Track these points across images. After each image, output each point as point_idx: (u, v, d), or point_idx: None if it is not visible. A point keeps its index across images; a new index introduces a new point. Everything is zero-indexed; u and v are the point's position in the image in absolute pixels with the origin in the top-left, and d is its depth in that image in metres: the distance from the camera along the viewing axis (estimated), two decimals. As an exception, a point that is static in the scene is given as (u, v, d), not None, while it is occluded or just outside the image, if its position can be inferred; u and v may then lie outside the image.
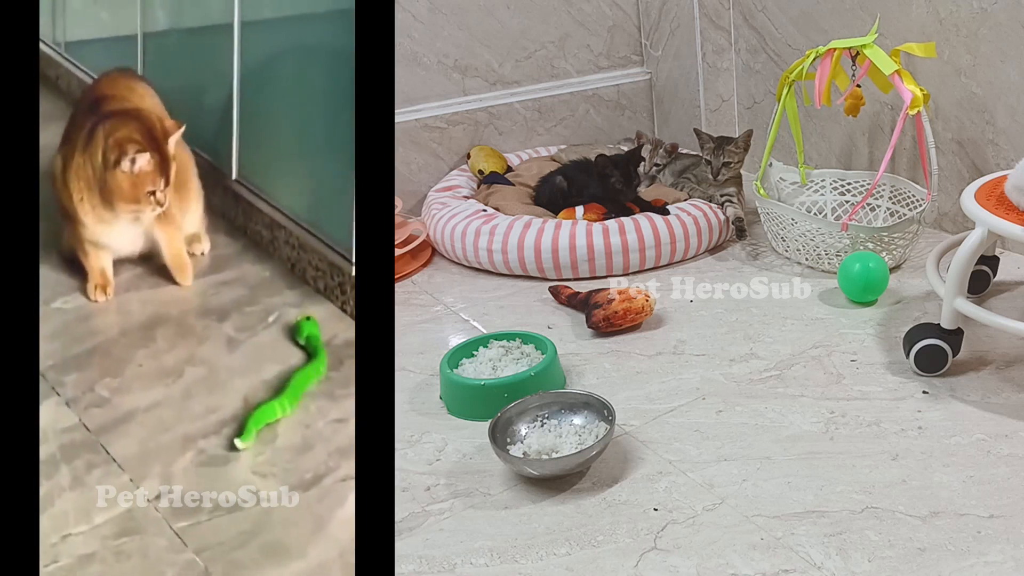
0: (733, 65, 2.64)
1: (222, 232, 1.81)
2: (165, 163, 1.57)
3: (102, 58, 2.04)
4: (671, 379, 1.66)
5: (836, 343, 1.72)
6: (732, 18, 2.59)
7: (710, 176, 2.24)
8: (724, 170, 2.23)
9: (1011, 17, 1.87)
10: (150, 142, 1.56)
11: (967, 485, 1.31)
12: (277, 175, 1.74)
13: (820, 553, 1.20)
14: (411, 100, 2.54)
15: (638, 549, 1.24)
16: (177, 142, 1.61)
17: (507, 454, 1.41)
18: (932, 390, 1.55)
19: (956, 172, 2.07)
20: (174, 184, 1.61)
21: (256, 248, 1.78)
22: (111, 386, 1.43)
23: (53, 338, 1.50)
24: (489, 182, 2.44)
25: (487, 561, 1.24)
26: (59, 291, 1.61)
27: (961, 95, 2.01)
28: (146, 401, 1.40)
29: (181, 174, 1.65)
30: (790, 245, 2.06)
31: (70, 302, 1.60)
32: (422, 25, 2.52)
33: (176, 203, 1.64)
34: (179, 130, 1.59)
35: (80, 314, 1.57)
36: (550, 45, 2.69)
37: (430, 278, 2.20)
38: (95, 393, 1.41)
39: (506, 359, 1.68)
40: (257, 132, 1.76)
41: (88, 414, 1.37)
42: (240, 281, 1.69)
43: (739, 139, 2.25)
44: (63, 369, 1.45)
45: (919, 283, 1.93)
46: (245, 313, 1.61)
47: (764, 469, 1.38)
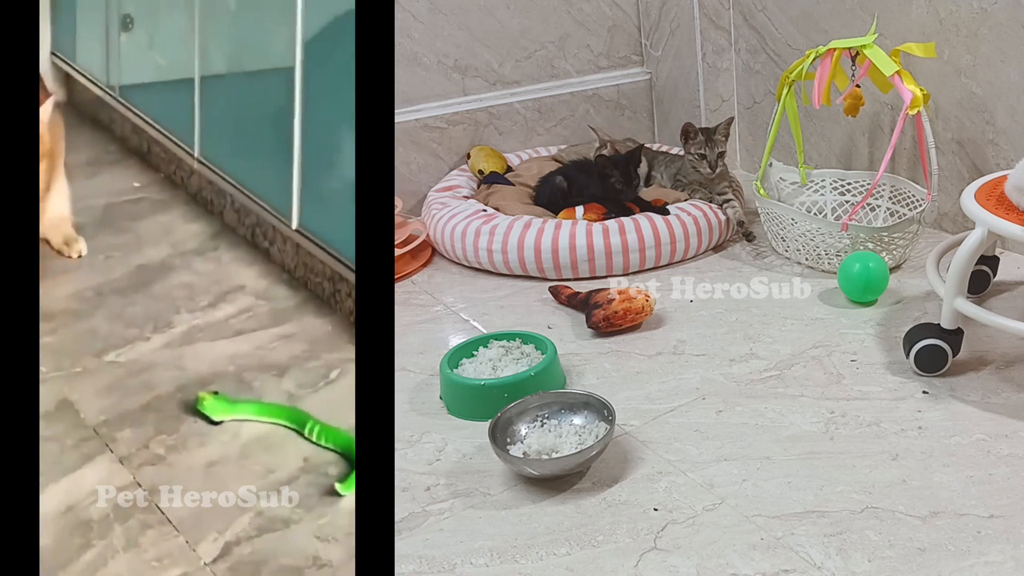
0: (733, 65, 2.64)
1: (282, 284, 1.73)
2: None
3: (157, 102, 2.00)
4: (671, 379, 1.66)
5: (836, 343, 1.72)
6: (732, 18, 2.59)
7: (707, 169, 2.23)
8: (720, 160, 2.23)
9: (1011, 17, 1.87)
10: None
11: (967, 485, 1.31)
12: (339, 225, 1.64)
13: (820, 553, 1.20)
14: (411, 100, 2.54)
15: (638, 549, 1.24)
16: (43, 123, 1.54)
17: (507, 454, 1.41)
18: (932, 390, 1.54)
19: (956, 172, 2.07)
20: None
21: (317, 301, 1.70)
22: (166, 443, 1.36)
23: (107, 392, 1.44)
24: (489, 182, 2.44)
25: (487, 561, 1.24)
26: (112, 343, 1.54)
27: (961, 95, 2.01)
28: (202, 459, 1.34)
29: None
30: (790, 245, 2.06)
31: (124, 355, 1.53)
32: (422, 25, 2.52)
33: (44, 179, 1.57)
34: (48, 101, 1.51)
35: (134, 368, 1.50)
36: (550, 45, 2.69)
37: (430, 278, 2.20)
38: (149, 450, 1.34)
39: (506, 359, 1.68)
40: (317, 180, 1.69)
41: (142, 472, 1.30)
42: (300, 335, 1.61)
43: (720, 127, 2.26)
44: (116, 425, 1.38)
45: (919, 283, 1.93)
46: (306, 369, 1.53)
47: (764, 469, 1.38)
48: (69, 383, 1.46)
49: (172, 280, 1.72)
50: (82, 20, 2.16)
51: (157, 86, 2.04)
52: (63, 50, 2.22)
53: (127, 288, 1.69)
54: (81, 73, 2.19)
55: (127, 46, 2.07)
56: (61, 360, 1.50)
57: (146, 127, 2.04)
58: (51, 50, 2.22)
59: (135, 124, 2.07)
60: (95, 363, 1.51)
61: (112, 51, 2.09)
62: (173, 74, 1.95)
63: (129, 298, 1.67)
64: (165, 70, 2.00)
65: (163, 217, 1.90)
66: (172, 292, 1.69)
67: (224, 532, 1.23)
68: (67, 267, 1.74)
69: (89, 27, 2.13)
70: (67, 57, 2.21)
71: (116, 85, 2.10)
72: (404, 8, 2.48)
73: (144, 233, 1.86)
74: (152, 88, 2.06)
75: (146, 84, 2.07)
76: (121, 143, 2.12)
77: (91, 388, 1.45)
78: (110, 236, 1.82)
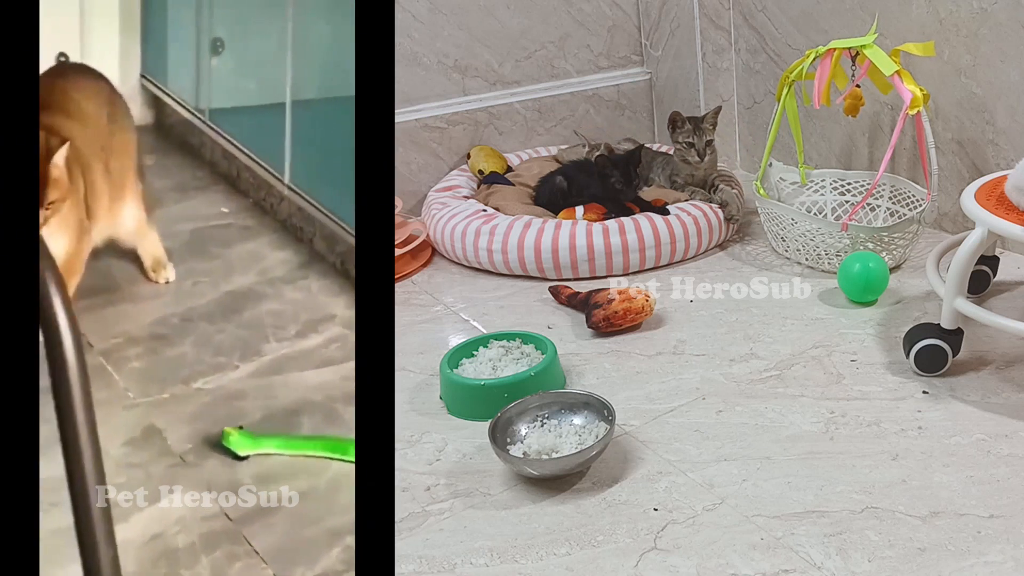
0: (733, 65, 2.64)
1: None
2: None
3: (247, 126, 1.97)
4: (671, 379, 1.66)
5: (836, 343, 1.72)
6: (732, 18, 2.59)
7: (695, 158, 2.24)
8: (709, 149, 2.24)
9: (1011, 17, 1.87)
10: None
11: (967, 485, 1.31)
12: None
13: (820, 553, 1.20)
14: (411, 100, 2.54)
15: (638, 549, 1.24)
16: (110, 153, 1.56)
17: (507, 454, 1.41)
18: (932, 390, 1.54)
19: (956, 172, 2.07)
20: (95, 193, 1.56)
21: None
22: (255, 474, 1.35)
23: (194, 420, 1.43)
24: (489, 182, 2.44)
25: (487, 561, 1.24)
26: (199, 370, 1.54)
27: (961, 95, 2.01)
28: (291, 491, 1.32)
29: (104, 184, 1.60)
30: (790, 245, 2.06)
31: (211, 382, 1.52)
32: (422, 25, 2.52)
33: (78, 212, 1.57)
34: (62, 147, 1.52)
35: (222, 395, 1.49)
36: (550, 45, 2.69)
37: (430, 278, 2.20)
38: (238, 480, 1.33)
39: (506, 359, 1.68)
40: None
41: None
42: None
43: (708, 116, 2.27)
44: (203, 453, 1.37)
45: (919, 283, 1.93)
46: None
47: (764, 469, 1.38)
48: (156, 410, 1.44)
49: (261, 308, 1.70)
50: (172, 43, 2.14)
51: (247, 110, 2.01)
52: (153, 73, 2.19)
53: (215, 315, 1.67)
54: (171, 96, 2.16)
55: (217, 70, 2.04)
56: (148, 386, 1.49)
57: (235, 152, 2.00)
58: (140, 72, 2.20)
59: (224, 149, 2.03)
60: (183, 390, 1.49)
61: (202, 74, 2.07)
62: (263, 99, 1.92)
63: (217, 325, 1.65)
64: (255, 94, 1.97)
65: (251, 244, 1.88)
66: (261, 320, 1.67)
67: (313, 566, 1.22)
68: (156, 292, 1.72)
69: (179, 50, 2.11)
70: (157, 80, 2.19)
71: (206, 108, 2.08)
72: (404, 8, 2.48)
73: (233, 260, 1.83)
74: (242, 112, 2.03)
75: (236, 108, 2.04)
76: (210, 168, 2.09)
77: (178, 415, 1.44)
78: (198, 262, 1.81)
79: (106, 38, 2.11)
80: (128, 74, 2.17)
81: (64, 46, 2.08)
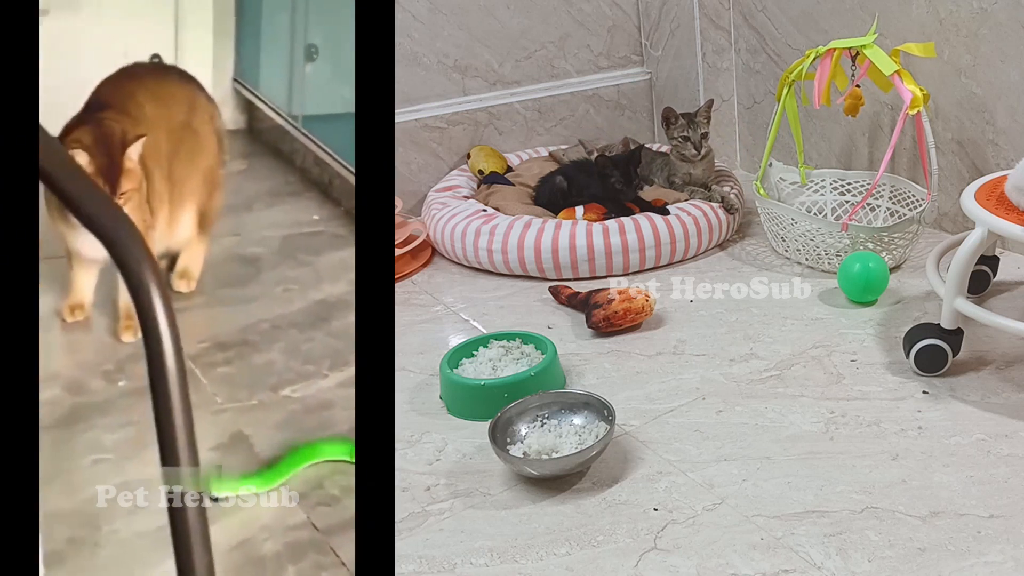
0: (733, 65, 2.64)
1: None
2: (113, 170, 1.52)
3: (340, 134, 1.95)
4: (671, 379, 1.66)
5: (836, 343, 1.72)
6: (732, 18, 2.59)
7: (692, 151, 2.25)
8: (704, 142, 2.25)
9: (1011, 17, 1.87)
10: (100, 147, 1.51)
11: (967, 485, 1.31)
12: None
13: (820, 553, 1.20)
14: (411, 100, 2.54)
15: (638, 549, 1.24)
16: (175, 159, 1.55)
17: (507, 454, 1.41)
18: (932, 390, 1.54)
19: (956, 172, 2.07)
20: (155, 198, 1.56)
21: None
22: (342, 484, 1.33)
23: (282, 427, 1.41)
24: (489, 182, 2.44)
25: (487, 561, 1.24)
26: (288, 378, 1.52)
27: (961, 95, 2.01)
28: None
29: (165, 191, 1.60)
30: (790, 245, 2.06)
31: (299, 391, 1.51)
32: (422, 25, 2.52)
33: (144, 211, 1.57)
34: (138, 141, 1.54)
35: (311, 404, 1.48)
36: (550, 45, 2.69)
37: (430, 278, 2.20)
38: (324, 491, 1.32)
39: (506, 359, 1.68)
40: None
41: (316, 512, 1.29)
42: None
43: (700, 110, 2.28)
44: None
45: (919, 283, 1.93)
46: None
47: (764, 469, 1.38)
48: (244, 416, 1.44)
49: (350, 318, 1.69)
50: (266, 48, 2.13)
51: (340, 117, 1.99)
52: (246, 77, 2.19)
53: (304, 323, 1.66)
54: (263, 101, 2.15)
55: (311, 76, 2.03)
56: (237, 392, 1.49)
57: (328, 159, 1.99)
58: (233, 76, 2.20)
59: (317, 156, 2.02)
60: (271, 397, 1.49)
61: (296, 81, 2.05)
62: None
63: (306, 333, 1.64)
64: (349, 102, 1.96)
65: (342, 252, 1.87)
66: (350, 330, 1.65)
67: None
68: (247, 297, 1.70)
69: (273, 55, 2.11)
70: (250, 84, 2.18)
71: (299, 115, 2.06)
72: (404, 8, 2.48)
73: (322, 268, 1.82)
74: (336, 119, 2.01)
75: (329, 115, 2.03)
76: (302, 174, 2.08)
77: (266, 422, 1.43)
78: (288, 268, 1.79)
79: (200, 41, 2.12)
80: (221, 78, 2.17)
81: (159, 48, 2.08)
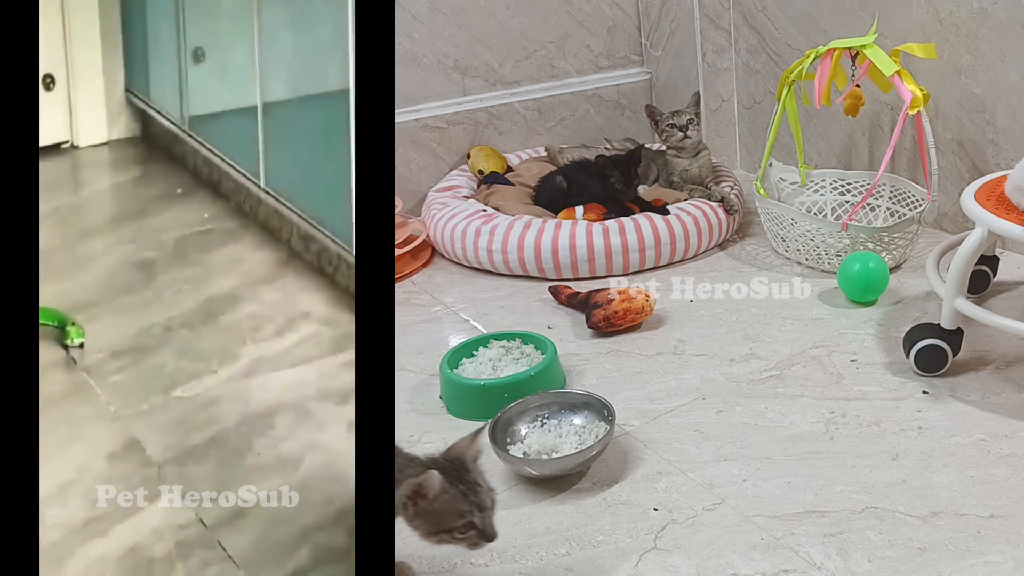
0: (733, 65, 2.64)
1: (345, 310, 1.73)
2: None
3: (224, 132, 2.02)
4: (671, 379, 1.66)
5: (836, 343, 1.72)
6: (732, 18, 2.59)
7: (679, 134, 2.27)
8: (691, 128, 2.27)
9: (1011, 17, 1.87)
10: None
11: (967, 485, 1.31)
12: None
13: (820, 553, 1.20)
14: (411, 100, 2.54)
15: (638, 549, 1.24)
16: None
17: (507, 454, 1.41)
18: (932, 390, 1.54)
19: (956, 172, 2.07)
20: None
21: None
22: (228, 478, 1.34)
23: (173, 429, 1.43)
24: (489, 182, 2.44)
25: (487, 561, 1.24)
26: (179, 379, 1.53)
27: (961, 95, 2.01)
28: (263, 493, 1.31)
29: None
30: (790, 245, 2.06)
31: (189, 390, 1.51)
32: (422, 25, 2.52)
33: None
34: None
35: (198, 403, 1.48)
36: (550, 45, 2.69)
37: (430, 278, 2.20)
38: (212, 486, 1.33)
39: (506, 359, 1.68)
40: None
41: (204, 508, 1.29)
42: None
43: (688, 105, 2.31)
44: (181, 461, 1.37)
45: (919, 283, 1.93)
46: None
47: (764, 469, 1.38)
48: (137, 422, 1.45)
49: (239, 311, 1.70)
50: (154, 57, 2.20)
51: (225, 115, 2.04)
52: (137, 87, 2.25)
53: (196, 322, 1.67)
54: (154, 108, 2.22)
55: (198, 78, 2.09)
56: (130, 398, 1.49)
57: (215, 159, 2.04)
58: (125, 87, 2.26)
59: (205, 156, 2.07)
60: (162, 400, 1.50)
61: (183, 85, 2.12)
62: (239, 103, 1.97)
63: (197, 332, 1.65)
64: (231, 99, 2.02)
65: (232, 247, 1.89)
66: (239, 323, 1.67)
67: (284, 565, 1.22)
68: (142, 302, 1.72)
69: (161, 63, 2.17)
70: (141, 93, 2.25)
71: (187, 117, 2.13)
72: (404, 8, 2.48)
73: (214, 264, 1.84)
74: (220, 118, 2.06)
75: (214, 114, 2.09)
76: (193, 175, 2.11)
77: (158, 425, 1.44)
78: (180, 270, 1.81)
79: (90, 57, 2.20)
80: (113, 89, 2.25)
81: (50, 68, 2.16)
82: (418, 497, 1.06)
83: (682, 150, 2.30)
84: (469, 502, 1.07)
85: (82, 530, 1.24)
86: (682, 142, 2.28)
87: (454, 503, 1.07)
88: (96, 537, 1.23)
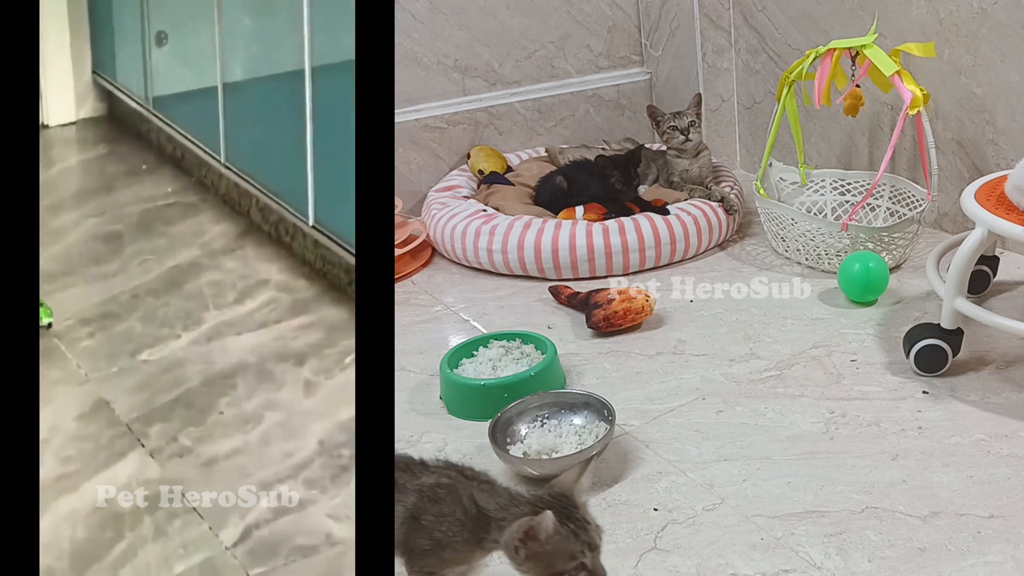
0: (733, 65, 2.64)
1: (302, 277, 1.80)
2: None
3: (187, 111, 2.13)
4: (671, 379, 1.66)
5: (836, 343, 1.72)
6: (732, 18, 2.59)
7: (680, 137, 2.27)
8: (692, 130, 2.27)
9: (1011, 17, 1.87)
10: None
11: (967, 485, 1.31)
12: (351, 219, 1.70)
13: (820, 553, 1.20)
14: (411, 100, 2.54)
15: (638, 549, 1.24)
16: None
17: (507, 454, 1.41)
18: (932, 390, 1.54)
19: (956, 172, 2.07)
20: None
21: (335, 291, 1.76)
22: (193, 435, 1.43)
23: (140, 390, 1.51)
24: (489, 182, 2.44)
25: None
26: (145, 343, 1.62)
27: (961, 95, 2.01)
28: (226, 449, 1.40)
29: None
30: (790, 245, 2.06)
31: (155, 353, 1.60)
32: (422, 25, 2.52)
33: None
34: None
35: (164, 365, 1.57)
36: (550, 45, 2.69)
37: (430, 278, 2.20)
38: (178, 443, 1.42)
39: (506, 359, 1.68)
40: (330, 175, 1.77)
41: (171, 464, 1.37)
42: (318, 324, 1.68)
43: (689, 106, 2.31)
44: (148, 420, 1.46)
45: (919, 283, 1.93)
46: (323, 356, 1.60)
47: (764, 469, 1.38)
48: (106, 383, 1.53)
49: (202, 279, 1.80)
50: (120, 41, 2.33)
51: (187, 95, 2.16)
52: (104, 69, 2.38)
53: (160, 290, 1.76)
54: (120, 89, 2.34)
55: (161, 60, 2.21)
56: (99, 362, 1.58)
57: (178, 136, 2.16)
58: (92, 69, 2.39)
59: (168, 134, 2.18)
60: (130, 363, 1.58)
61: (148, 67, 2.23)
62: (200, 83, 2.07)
63: (162, 299, 1.74)
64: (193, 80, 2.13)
65: (194, 219, 2.00)
66: (202, 290, 1.77)
67: (245, 516, 1.28)
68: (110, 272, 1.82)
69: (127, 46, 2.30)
70: (108, 75, 2.38)
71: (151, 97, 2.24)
72: (404, 8, 2.48)
73: (177, 236, 1.94)
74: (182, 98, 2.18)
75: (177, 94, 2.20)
76: (157, 152, 2.23)
77: (125, 387, 1.52)
78: (146, 241, 1.91)
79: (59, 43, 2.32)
80: (81, 72, 2.37)
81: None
82: (529, 539, 1.00)
83: (683, 151, 2.30)
84: (580, 542, 1.01)
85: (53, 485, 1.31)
86: (683, 144, 2.28)
87: (565, 543, 1.01)
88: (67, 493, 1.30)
